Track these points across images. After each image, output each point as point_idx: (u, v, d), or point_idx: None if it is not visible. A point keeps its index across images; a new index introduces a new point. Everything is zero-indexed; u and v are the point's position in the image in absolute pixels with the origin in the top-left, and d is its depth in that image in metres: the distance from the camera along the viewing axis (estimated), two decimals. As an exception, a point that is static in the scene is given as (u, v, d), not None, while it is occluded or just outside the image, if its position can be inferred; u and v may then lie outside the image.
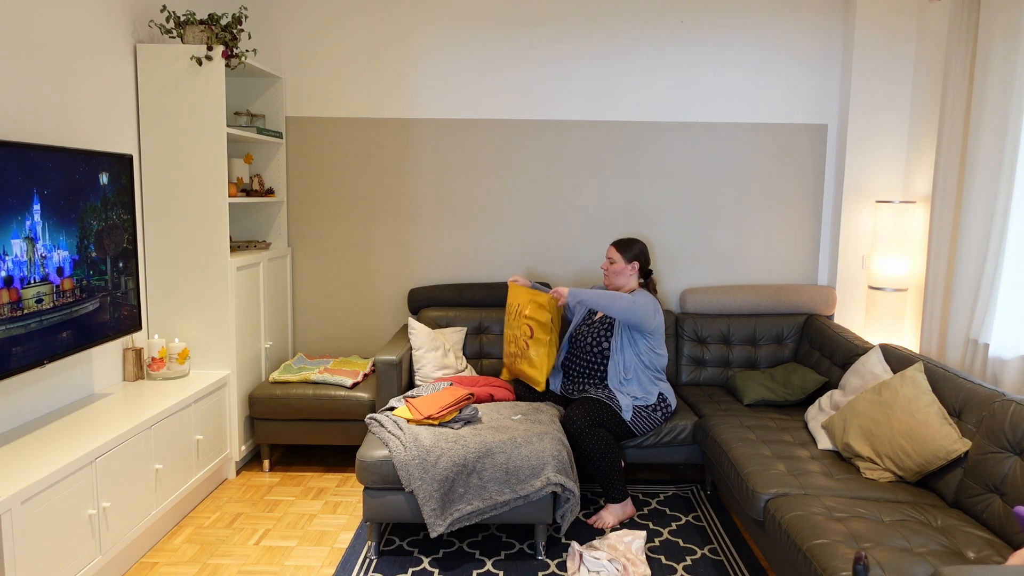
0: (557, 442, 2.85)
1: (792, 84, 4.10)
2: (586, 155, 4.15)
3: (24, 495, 2.12)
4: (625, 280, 3.41)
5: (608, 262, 3.44)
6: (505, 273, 4.23)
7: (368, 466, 2.76)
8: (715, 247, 4.22)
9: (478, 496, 2.74)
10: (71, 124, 2.88)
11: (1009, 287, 3.06)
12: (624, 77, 4.09)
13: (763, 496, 2.54)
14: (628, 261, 3.39)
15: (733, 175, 4.16)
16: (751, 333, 3.93)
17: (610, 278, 3.44)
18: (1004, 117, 3.06)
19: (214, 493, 3.42)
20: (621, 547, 2.75)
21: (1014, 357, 3.05)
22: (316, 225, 4.21)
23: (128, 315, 3.07)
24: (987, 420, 2.39)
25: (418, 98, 4.11)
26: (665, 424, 3.35)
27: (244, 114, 3.89)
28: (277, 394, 3.56)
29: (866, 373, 3.00)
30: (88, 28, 2.97)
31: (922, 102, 3.86)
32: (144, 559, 2.83)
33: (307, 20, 4.06)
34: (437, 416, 2.93)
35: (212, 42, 3.30)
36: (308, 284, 4.26)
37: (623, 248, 3.41)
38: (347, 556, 2.83)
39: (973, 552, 2.11)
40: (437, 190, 4.18)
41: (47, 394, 2.80)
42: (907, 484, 2.59)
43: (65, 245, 2.65)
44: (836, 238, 4.09)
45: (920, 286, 3.78)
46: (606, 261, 3.46)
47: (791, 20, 4.05)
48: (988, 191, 3.15)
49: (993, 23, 3.11)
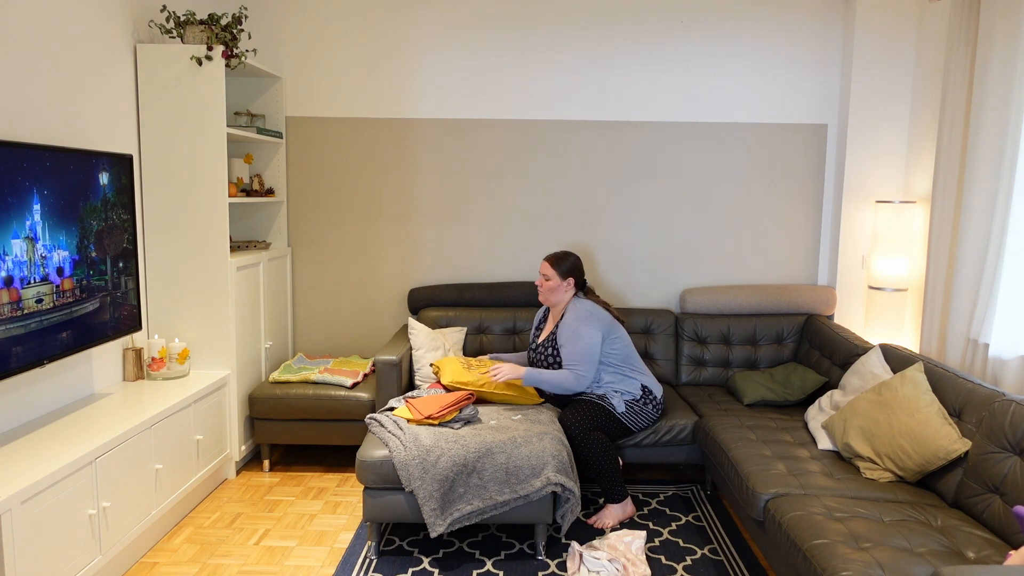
0: (557, 442, 2.85)
1: (792, 84, 4.10)
2: (586, 155, 4.15)
3: (24, 495, 2.12)
4: (561, 296, 3.31)
5: (543, 279, 3.32)
6: (505, 273, 4.23)
7: (368, 466, 2.76)
8: (715, 247, 4.22)
9: (478, 496, 2.74)
10: (71, 124, 2.88)
11: (1009, 287, 3.06)
12: (624, 77, 4.09)
13: (763, 496, 2.54)
14: (563, 277, 3.29)
15: (733, 175, 4.16)
16: (751, 333, 3.93)
17: (545, 295, 3.33)
18: (1004, 117, 3.06)
19: (214, 493, 3.42)
20: (621, 547, 2.75)
21: (1014, 357, 3.05)
22: (316, 225, 4.21)
23: (128, 315, 3.07)
24: (987, 420, 2.39)
25: (418, 98, 4.11)
26: (661, 420, 3.34)
27: (244, 114, 3.89)
28: (277, 394, 3.56)
29: (866, 373, 3.00)
30: (88, 28, 2.97)
31: (922, 102, 3.86)
32: (144, 559, 2.83)
33: (307, 20, 4.06)
34: (437, 416, 2.93)
35: (212, 42, 3.30)
36: (308, 284, 4.26)
37: (556, 264, 3.30)
38: (347, 556, 2.83)
39: (973, 552, 2.11)
40: (437, 190, 4.18)
41: (47, 394, 2.80)
42: (907, 484, 2.59)
43: (65, 245, 2.65)
44: (836, 238, 4.09)
45: (920, 286, 3.78)
46: (541, 278, 3.33)
47: (791, 20, 4.05)
48: (988, 191, 3.15)
49: (993, 23, 3.11)
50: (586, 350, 3.17)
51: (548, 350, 3.29)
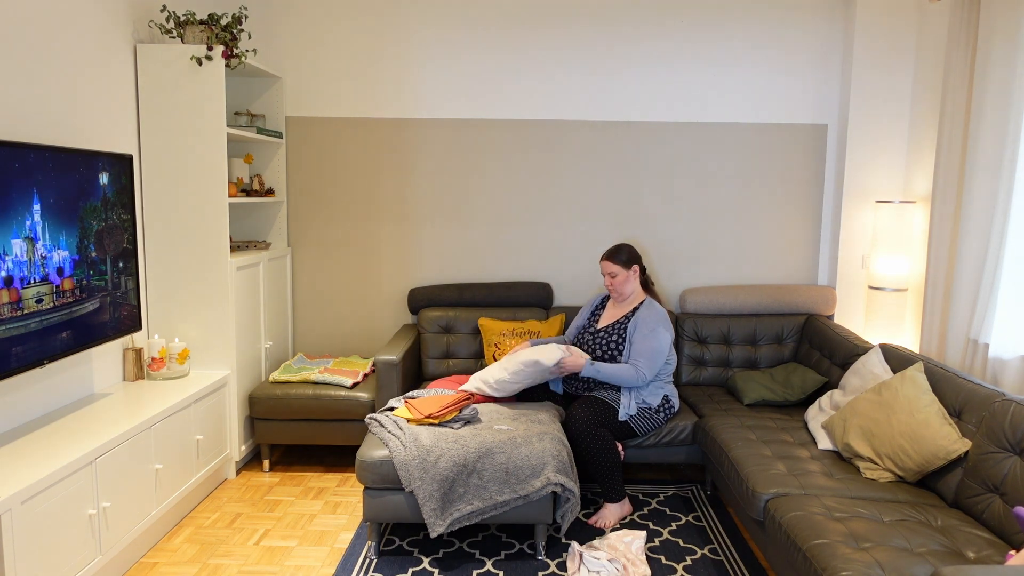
0: (557, 442, 2.85)
1: (792, 84, 4.10)
2: (586, 155, 4.15)
3: (24, 495, 2.12)
4: (632, 286, 3.38)
5: (609, 277, 3.36)
6: (505, 273, 4.23)
7: (368, 466, 2.76)
8: (715, 247, 4.22)
9: (478, 496, 2.74)
10: (71, 124, 2.88)
11: (1009, 287, 3.06)
12: (624, 77, 4.09)
13: (763, 496, 2.54)
14: (627, 267, 3.35)
15: (733, 175, 4.16)
16: (751, 333, 3.93)
17: (618, 290, 3.38)
18: (1004, 117, 3.06)
19: (214, 493, 3.42)
20: (621, 547, 2.75)
21: (1014, 357, 3.05)
22: (316, 225, 4.21)
23: (128, 315, 3.07)
24: (987, 420, 2.39)
25: (418, 98, 4.11)
26: (666, 424, 3.36)
27: (244, 114, 3.89)
28: (277, 394, 3.56)
29: (866, 373, 2.99)
30: (88, 28, 2.97)
31: (922, 102, 3.86)
32: (144, 559, 2.83)
33: (307, 20, 4.06)
34: (437, 416, 2.93)
35: (212, 42, 3.30)
36: (308, 284, 4.26)
37: (615, 257, 3.35)
38: (347, 556, 2.83)
39: (973, 552, 2.11)
40: (437, 190, 4.18)
41: (47, 394, 2.80)
42: (907, 484, 2.59)
43: (65, 245, 2.65)
44: (836, 238, 4.09)
45: (920, 286, 3.78)
46: (607, 278, 3.37)
47: (791, 20, 4.05)
48: (988, 191, 3.15)
49: (993, 23, 3.11)
50: (657, 350, 3.23)
51: (613, 337, 3.32)
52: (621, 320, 3.35)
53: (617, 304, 3.46)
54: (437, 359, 3.93)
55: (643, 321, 3.28)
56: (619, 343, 3.30)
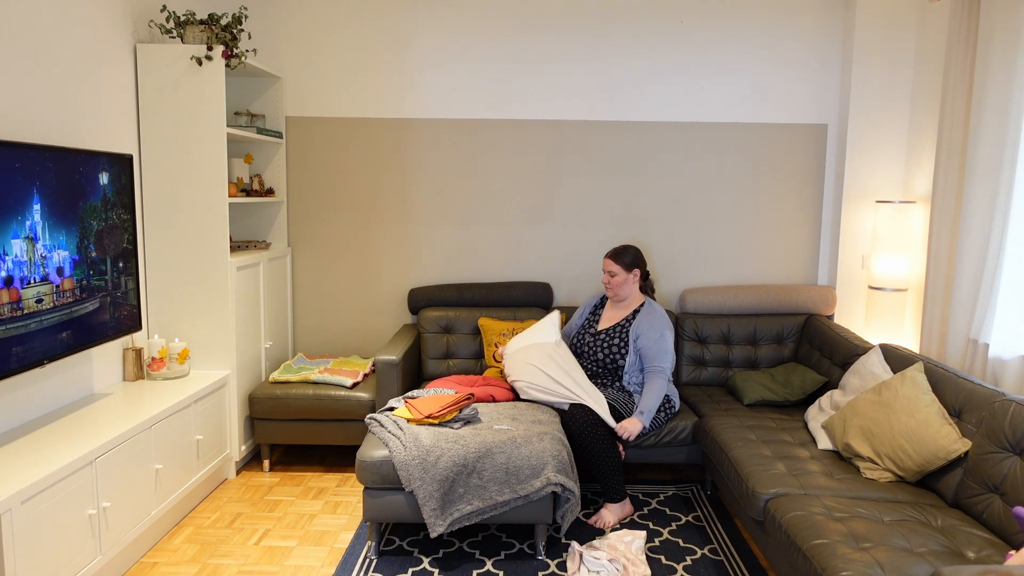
0: (557, 442, 2.85)
1: (792, 84, 4.10)
2: (586, 155, 4.15)
3: (24, 495, 2.12)
4: (630, 289, 3.40)
5: (608, 275, 3.39)
6: (505, 273, 4.23)
7: (368, 466, 2.76)
8: (715, 247, 4.22)
9: (478, 496, 2.74)
10: (71, 124, 2.88)
11: (1009, 287, 3.06)
12: (624, 77, 4.09)
13: (763, 496, 2.54)
14: (628, 270, 3.38)
15: (733, 175, 4.16)
16: (751, 333, 3.93)
17: (614, 290, 3.40)
18: (1004, 117, 3.06)
19: (214, 493, 3.42)
20: (621, 547, 2.75)
21: (1014, 357, 3.05)
22: (316, 225, 4.21)
23: (128, 315, 3.07)
24: (987, 420, 2.39)
25: (418, 98, 4.11)
26: (666, 424, 3.36)
27: (244, 114, 3.89)
28: (277, 394, 3.56)
29: (866, 373, 2.99)
30: (88, 28, 2.97)
31: (922, 102, 3.86)
32: (144, 559, 2.83)
33: (307, 20, 4.06)
34: (437, 416, 2.93)
35: (212, 42, 3.30)
36: (308, 284, 4.26)
37: (619, 258, 3.38)
38: (347, 556, 2.83)
39: (973, 552, 2.11)
40: (437, 190, 4.18)
41: (47, 394, 2.80)
42: (907, 484, 2.59)
43: (65, 245, 2.65)
44: (836, 238, 4.09)
45: (920, 286, 3.78)
46: (606, 275, 3.40)
47: (791, 20, 4.05)
48: (988, 191, 3.15)
49: (993, 23, 3.11)
50: (668, 350, 3.31)
51: (615, 340, 3.34)
52: (622, 323, 3.36)
53: (616, 305, 3.46)
54: (437, 359, 3.93)
55: (648, 327, 3.32)
56: (620, 346, 3.31)
